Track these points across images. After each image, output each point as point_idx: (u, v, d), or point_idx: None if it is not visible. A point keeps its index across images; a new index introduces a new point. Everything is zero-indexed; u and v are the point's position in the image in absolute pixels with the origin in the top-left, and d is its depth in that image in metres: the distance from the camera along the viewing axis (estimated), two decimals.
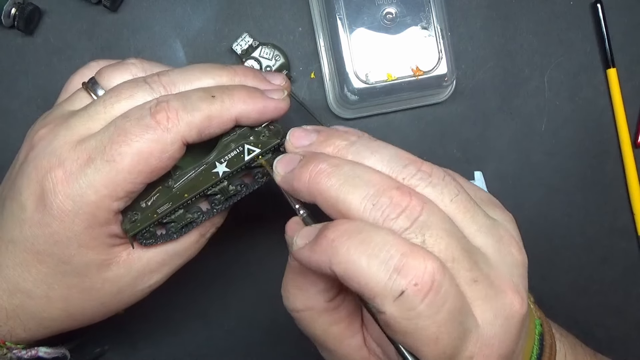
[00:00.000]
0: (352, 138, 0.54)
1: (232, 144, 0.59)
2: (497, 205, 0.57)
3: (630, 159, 0.86)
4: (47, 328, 0.63)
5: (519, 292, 0.51)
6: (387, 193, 0.48)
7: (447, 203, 0.51)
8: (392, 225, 0.48)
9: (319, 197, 0.51)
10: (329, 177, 0.50)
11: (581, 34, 0.87)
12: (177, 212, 0.60)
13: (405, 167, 0.51)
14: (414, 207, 0.48)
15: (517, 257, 0.53)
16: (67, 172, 0.55)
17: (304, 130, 0.57)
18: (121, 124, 0.56)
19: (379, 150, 0.53)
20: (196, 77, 0.60)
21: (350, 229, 0.48)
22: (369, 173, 0.50)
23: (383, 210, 0.48)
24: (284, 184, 0.55)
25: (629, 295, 0.89)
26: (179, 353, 0.84)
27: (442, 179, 0.51)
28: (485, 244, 0.51)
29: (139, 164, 0.55)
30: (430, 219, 0.48)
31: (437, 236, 0.48)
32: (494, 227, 0.53)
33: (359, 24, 0.79)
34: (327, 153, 0.54)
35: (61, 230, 0.57)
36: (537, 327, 0.62)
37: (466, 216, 0.51)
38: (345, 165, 0.51)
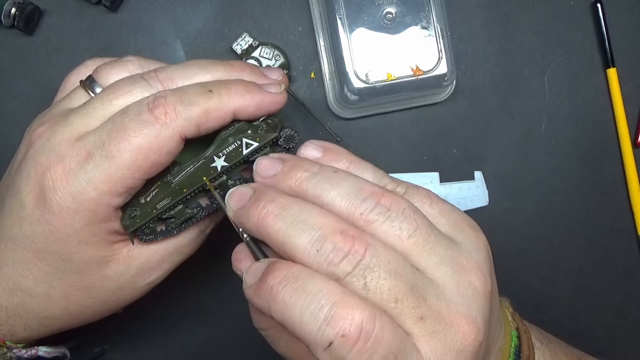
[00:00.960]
0: (314, 169, 0.54)
1: (230, 138, 0.59)
2: (470, 229, 0.57)
3: (630, 159, 0.86)
4: (47, 327, 0.63)
5: (475, 323, 0.50)
6: (331, 238, 0.49)
7: (404, 238, 0.51)
8: (335, 270, 0.48)
9: (267, 239, 0.52)
10: (276, 220, 0.51)
11: (581, 34, 0.87)
12: (177, 207, 0.60)
13: (364, 200, 0.51)
14: (357, 251, 0.48)
15: (477, 287, 0.52)
16: (67, 169, 0.56)
17: (270, 159, 0.57)
18: (119, 120, 0.56)
19: (340, 183, 0.53)
20: (193, 73, 0.60)
21: (287, 276, 0.48)
22: (315, 216, 0.50)
23: (327, 256, 0.48)
24: (235, 219, 0.55)
25: (629, 295, 0.89)
26: (178, 353, 0.84)
27: (401, 212, 0.51)
28: (443, 276, 0.51)
29: (138, 160, 0.55)
30: (374, 261, 0.48)
31: (380, 278, 0.48)
32: (456, 257, 0.52)
33: (359, 23, 0.79)
34: (290, 186, 0.54)
35: (61, 227, 0.57)
36: (514, 340, 0.63)
37: (425, 249, 0.51)
38: (293, 207, 0.51)
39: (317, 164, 0.55)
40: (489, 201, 0.86)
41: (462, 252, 0.53)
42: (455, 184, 0.86)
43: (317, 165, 0.55)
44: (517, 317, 0.66)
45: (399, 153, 0.85)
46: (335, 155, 0.58)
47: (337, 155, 0.58)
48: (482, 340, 0.51)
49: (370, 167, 0.58)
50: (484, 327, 0.51)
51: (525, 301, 0.87)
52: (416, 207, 0.53)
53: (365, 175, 0.57)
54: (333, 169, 0.54)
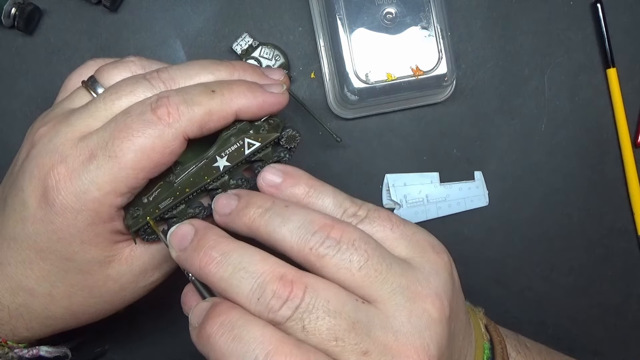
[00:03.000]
0: (267, 204, 0.55)
1: (232, 138, 0.59)
2: (432, 250, 0.56)
3: (630, 159, 0.87)
4: (50, 327, 0.63)
5: (426, 352, 0.50)
6: (271, 285, 0.49)
7: (355, 271, 0.51)
8: (275, 316, 0.49)
9: (211, 285, 0.53)
10: (217, 267, 0.52)
11: (581, 34, 0.87)
12: (179, 207, 0.60)
13: (314, 235, 0.52)
14: (295, 295, 0.49)
15: (431, 314, 0.52)
16: (70, 169, 0.55)
17: (227, 197, 0.57)
18: (122, 120, 0.56)
19: (290, 218, 0.53)
20: (195, 73, 0.60)
21: (225, 323, 0.49)
22: (255, 263, 0.51)
23: (267, 303, 0.49)
24: (178, 262, 0.56)
25: (629, 295, 0.89)
26: (178, 353, 0.83)
27: (351, 244, 0.51)
28: (395, 306, 0.51)
29: (141, 160, 0.55)
30: (312, 303, 0.49)
31: (318, 319, 0.49)
32: (411, 284, 0.52)
33: (359, 24, 0.79)
34: (245, 224, 0.55)
35: (64, 227, 0.56)
36: (486, 352, 0.63)
37: (376, 280, 0.51)
38: (234, 254, 0.52)
39: (270, 198, 0.56)
40: (489, 201, 0.86)
41: (418, 277, 0.53)
42: (455, 184, 0.86)
43: (270, 200, 0.55)
44: (491, 328, 0.66)
45: (399, 153, 0.86)
46: (295, 180, 0.58)
47: (297, 180, 0.58)
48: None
49: (330, 190, 0.58)
50: (438, 354, 0.51)
51: (525, 301, 0.87)
52: (368, 236, 0.53)
53: (325, 200, 0.57)
54: (285, 204, 0.55)
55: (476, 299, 0.70)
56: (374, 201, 0.84)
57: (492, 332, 0.66)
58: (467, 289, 0.61)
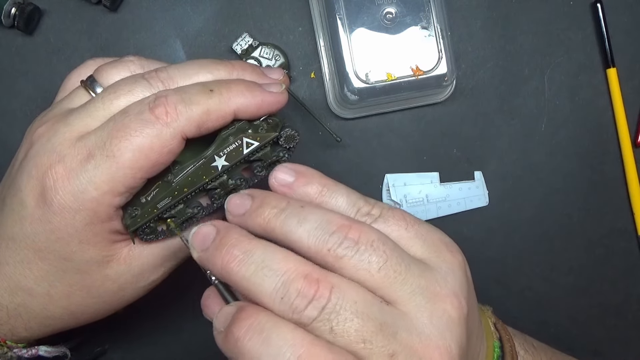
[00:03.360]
0: (282, 205, 0.54)
1: (230, 138, 0.59)
2: (447, 250, 0.56)
3: (630, 159, 0.86)
4: (48, 327, 0.63)
5: (449, 353, 0.50)
6: (295, 284, 0.49)
7: (374, 272, 0.51)
8: (301, 317, 0.48)
9: (233, 285, 0.53)
10: (240, 266, 0.51)
11: (581, 34, 0.87)
12: (177, 207, 0.60)
13: (332, 235, 0.51)
14: (322, 295, 0.49)
15: (451, 314, 0.52)
16: (68, 169, 0.55)
17: (240, 197, 0.57)
18: (120, 119, 0.56)
19: (307, 217, 0.53)
20: (194, 72, 0.60)
21: (253, 327, 0.49)
22: (278, 261, 0.50)
23: (292, 302, 0.49)
24: (200, 262, 0.56)
25: (629, 295, 0.89)
26: (179, 353, 0.84)
27: (370, 244, 0.51)
28: (416, 307, 0.51)
29: (139, 159, 0.55)
30: (339, 304, 0.49)
31: (346, 320, 0.48)
32: (429, 284, 0.52)
33: (359, 24, 0.79)
34: (260, 224, 0.54)
35: (62, 226, 0.56)
36: (496, 351, 0.63)
37: (396, 281, 0.51)
38: (257, 251, 0.52)
39: (285, 199, 0.55)
40: (489, 201, 0.86)
41: (436, 278, 0.53)
42: (455, 184, 0.86)
43: (284, 200, 0.55)
44: (500, 326, 0.66)
45: (399, 153, 0.85)
46: (308, 179, 0.58)
47: (310, 179, 0.58)
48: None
49: (344, 190, 0.58)
50: (459, 353, 0.51)
51: (525, 301, 0.87)
52: (386, 237, 0.53)
53: (338, 200, 0.57)
54: (300, 204, 0.54)
55: (477, 298, 0.70)
56: None
57: (500, 330, 0.66)
58: None
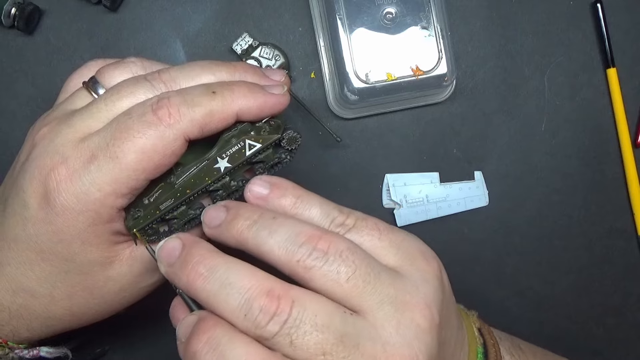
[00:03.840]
0: (254, 216, 0.54)
1: (233, 140, 0.59)
2: (422, 257, 0.56)
3: (630, 159, 0.87)
4: (50, 327, 0.63)
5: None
6: (258, 301, 0.49)
7: (342, 282, 0.51)
8: (263, 332, 0.49)
9: (198, 300, 0.53)
10: (204, 283, 0.52)
11: (581, 34, 0.87)
12: (180, 208, 0.60)
13: (301, 246, 0.51)
14: (282, 310, 0.49)
15: (420, 323, 0.51)
16: (71, 170, 0.55)
17: (215, 209, 0.57)
18: (123, 121, 0.56)
19: (277, 230, 0.53)
20: (196, 74, 0.60)
21: (210, 341, 0.49)
22: (242, 278, 0.51)
23: (254, 319, 0.49)
24: (167, 277, 0.56)
25: (629, 295, 0.89)
26: (178, 353, 0.83)
27: (339, 255, 0.51)
28: (384, 316, 0.51)
29: (142, 161, 0.55)
30: (299, 318, 0.49)
31: (306, 334, 0.48)
32: (399, 294, 0.52)
33: (359, 24, 0.79)
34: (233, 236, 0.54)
35: (65, 227, 0.56)
36: (479, 356, 0.63)
37: (364, 291, 0.51)
38: (220, 269, 0.52)
39: (258, 210, 0.55)
40: (489, 201, 0.86)
41: (406, 287, 0.53)
42: (455, 184, 0.86)
43: (257, 212, 0.55)
44: (485, 331, 0.66)
45: (399, 153, 0.86)
46: (282, 191, 0.57)
47: (284, 191, 0.57)
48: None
49: (317, 200, 0.57)
50: None
51: (525, 301, 0.87)
52: (356, 246, 0.53)
53: (312, 210, 0.56)
54: (272, 215, 0.54)
55: (476, 298, 0.70)
56: (374, 201, 0.84)
57: (485, 335, 0.66)
58: (466, 289, 0.61)
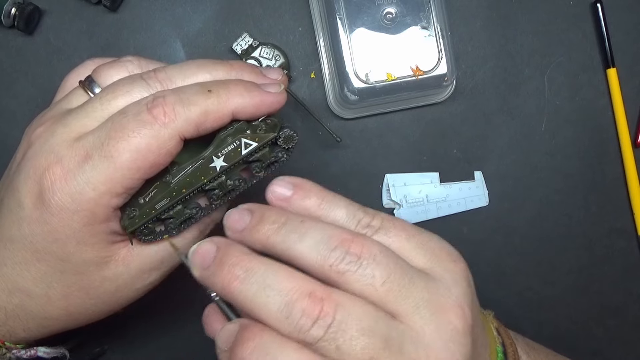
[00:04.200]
0: (281, 220, 0.53)
1: (229, 138, 0.59)
2: (449, 259, 0.55)
3: (630, 159, 0.86)
4: (46, 328, 0.63)
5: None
6: (299, 303, 0.48)
7: (378, 286, 0.50)
8: (306, 337, 0.48)
9: (236, 305, 0.52)
10: (242, 285, 0.50)
11: (581, 34, 0.87)
12: (176, 207, 0.60)
13: (333, 250, 0.50)
14: (327, 314, 0.48)
15: (456, 325, 0.51)
16: (65, 169, 0.55)
17: (239, 212, 0.55)
18: (118, 120, 0.56)
19: (307, 233, 0.51)
20: (192, 72, 0.60)
21: (257, 348, 0.48)
22: (281, 280, 0.49)
23: (296, 323, 0.48)
24: (202, 281, 0.54)
25: (629, 295, 0.89)
26: (178, 353, 0.84)
27: (372, 258, 0.50)
28: (421, 320, 0.50)
29: (137, 160, 0.55)
30: (344, 322, 0.48)
31: (352, 339, 0.47)
32: (433, 297, 0.51)
33: (359, 24, 0.79)
34: (259, 240, 0.53)
35: (60, 227, 0.56)
36: (499, 356, 0.62)
37: (400, 295, 0.50)
38: (258, 270, 0.50)
39: (284, 213, 0.54)
40: (489, 201, 0.86)
41: (439, 290, 0.52)
42: (455, 184, 0.86)
43: (284, 215, 0.54)
44: (502, 330, 0.66)
45: (399, 153, 0.85)
46: (306, 192, 0.56)
47: (308, 192, 0.56)
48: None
49: (343, 201, 0.56)
50: None
51: (525, 301, 0.87)
52: (388, 250, 0.52)
53: (337, 212, 0.55)
54: (300, 219, 0.53)
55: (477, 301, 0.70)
56: (374, 201, 0.84)
57: (503, 335, 0.65)
58: None
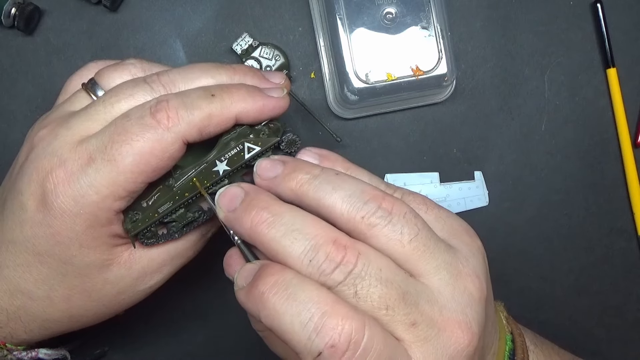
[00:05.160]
0: (315, 171, 0.55)
1: (232, 143, 0.59)
2: (466, 234, 0.58)
3: (630, 159, 0.86)
4: (48, 329, 0.63)
5: (469, 329, 0.51)
6: (324, 248, 0.50)
7: (405, 243, 0.51)
8: (327, 280, 0.49)
9: (260, 246, 0.53)
10: (269, 228, 0.51)
11: (581, 34, 0.87)
12: (178, 211, 0.60)
13: (366, 203, 0.52)
14: (348, 261, 0.49)
15: (472, 293, 0.53)
16: (68, 172, 0.55)
17: (271, 161, 0.57)
18: (121, 123, 0.56)
19: (341, 185, 0.53)
20: (196, 76, 0.60)
21: (279, 282, 0.49)
22: (308, 225, 0.51)
23: (319, 266, 0.49)
24: (226, 222, 0.56)
25: (629, 295, 0.89)
26: (178, 353, 0.84)
27: (402, 216, 0.52)
28: (440, 281, 0.52)
29: (140, 164, 0.55)
30: (365, 270, 0.49)
31: (370, 286, 0.49)
32: (453, 262, 0.53)
33: (359, 24, 0.79)
34: (291, 188, 0.54)
35: (62, 230, 0.56)
36: (508, 344, 0.63)
37: (424, 254, 0.52)
38: (286, 215, 0.52)
39: (318, 166, 0.56)
40: (489, 201, 0.86)
41: (458, 257, 0.54)
42: (455, 184, 0.86)
43: (318, 167, 0.55)
44: (511, 321, 0.67)
45: (399, 153, 0.85)
46: (332, 162, 0.58)
47: (334, 162, 0.58)
48: (477, 345, 0.52)
49: (366, 173, 0.59)
50: (479, 332, 0.52)
51: (525, 301, 0.87)
52: (416, 212, 0.53)
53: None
54: (334, 172, 0.55)
55: None
56: None
57: (512, 325, 0.66)
58: None
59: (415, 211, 0.53)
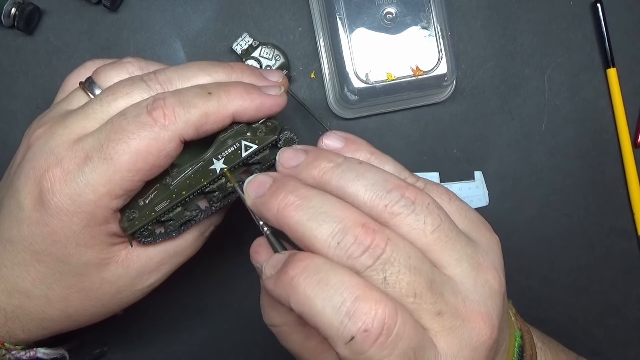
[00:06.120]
0: (338, 160, 0.54)
1: (229, 141, 0.59)
2: (485, 228, 0.58)
3: (630, 159, 0.86)
4: (46, 329, 0.63)
5: (490, 321, 0.51)
6: (352, 231, 0.49)
7: (428, 233, 0.51)
8: (355, 263, 0.49)
9: (287, 230, 0.52)
10: (297, 210, 0.51)
11: (581, 34, 0.87)
12: (176, 209, 0.60)
13: (389, 192, 0.52)
14: (377, 245, 0.49)
15: (493, 285, 0.53)
16: (65, 171, 0.55)
17: (294, 150, 0.57)
18: (118, 121, 0.56)
19: (365, 174, 0.53)
20: (193, 74, 0.60)
21: (309, 267, 0.49)
22: (337, 208, 0.51)
23: (347, 249, 0.49)
24: (254, 208, 0.55)
25: (629, 295, 0.89)
26: (178, 353, 0.84)
27: (426, 206, 0.52)
28: (462, 272, 0.52)
29: (136, 162, 0.55)
30: (394, 256, 0.49)
31: (399, 273, 0.49)
32: (474, 254, 0.53)
33: (359, 24, 0.79)
34: (313, 176, 0.54)
35: (59, 229, 0.56)
36: (517, 340, 0.63)
37: (447, 245, 0.52)
38: (314, 198, 0.52)
39: (341, 155, 0.56)
40: (489, 201, 0.86)
41: (479, 250, 0.54)
42: (455, 184, 0.86)
43: (341, 156, 0.55)
44: (519, 318, 0.67)
45: (399, 153, 0.85)
46: (357, 147, 0.58)
47: (359, 147, 0.58)
48: (496, 337, 0.52)
49: (391, 160, 0.58)
50: (499, 324, 0.52)
51: (525, 301, 0.87)
52: (438, 203, 0.53)
53: (385, 167, 0.57)
54: (357, 161, 0.55)
55: None
56: None
57: (520, 322, 0.66)
58: None
59: (438, 202, 0.53)
